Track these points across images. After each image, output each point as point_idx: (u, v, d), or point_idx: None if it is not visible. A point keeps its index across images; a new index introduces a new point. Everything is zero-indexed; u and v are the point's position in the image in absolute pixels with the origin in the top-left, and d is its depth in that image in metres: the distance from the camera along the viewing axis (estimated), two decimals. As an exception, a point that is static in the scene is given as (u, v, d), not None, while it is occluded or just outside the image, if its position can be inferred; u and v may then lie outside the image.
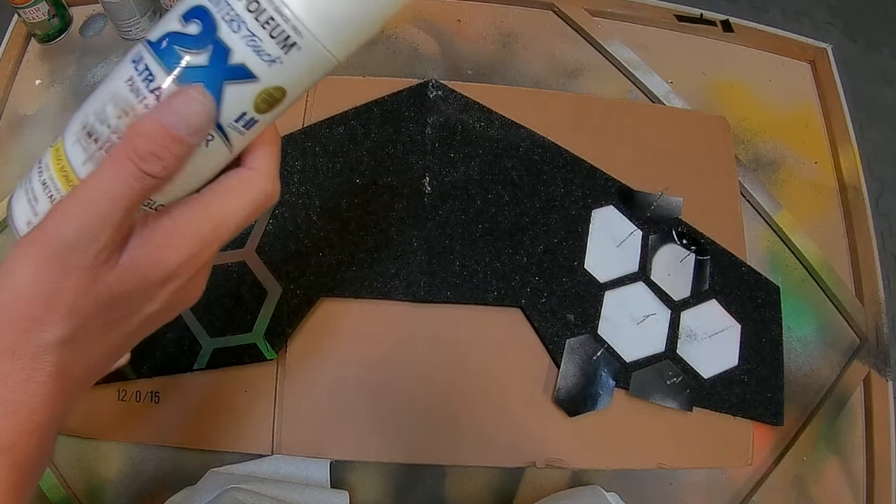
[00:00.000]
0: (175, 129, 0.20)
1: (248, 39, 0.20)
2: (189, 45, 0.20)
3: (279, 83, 0.21)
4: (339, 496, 0.46)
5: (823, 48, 0.68)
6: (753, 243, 0.58)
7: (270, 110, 0.22)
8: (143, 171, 0.20)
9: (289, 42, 0.20)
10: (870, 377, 0.55)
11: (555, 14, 0.68)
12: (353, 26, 0.21)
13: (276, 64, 0.20)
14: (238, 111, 0.21)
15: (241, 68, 0.20)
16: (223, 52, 0.20)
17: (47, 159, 0.22)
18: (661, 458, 0.49)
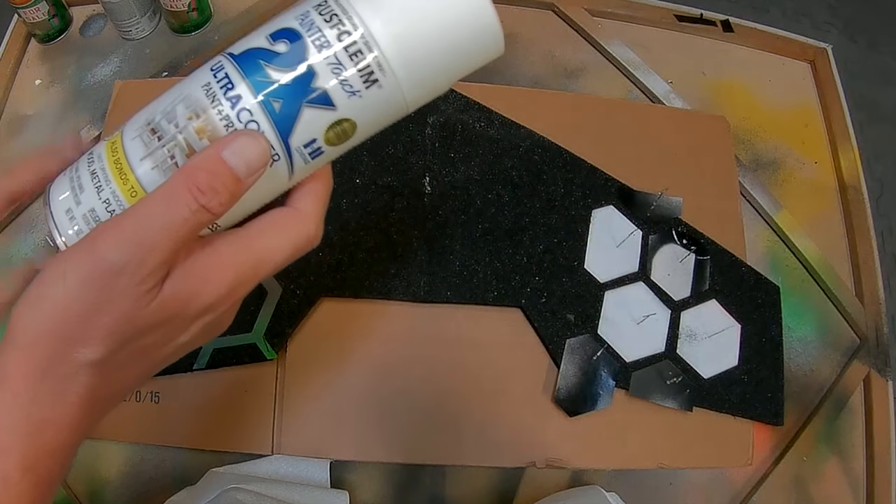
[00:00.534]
0: (235, 168, 0.20)
1: (333, 67, 0.20)
2: (275, 62, 0.20)
3: (353, 117, 0.21)
4: (339, 496, 0.46)
5: (823, 48, 0.68)
6: (753, 243, 0.58)
7: (337, 144, 0.22)
8: (202, 204, 0.20)
9: (372, 78, 0.21)
10: (870, 377, 0.55)
11: (555, 14, 0.68)
12: (433, 77, 0.22)
13: (355, 97, 0.21)
14: (309, 136, 0.21)
15: (321, 93, 0.20)
16: (308, 75, 0.20)
17: (100, 150, 0.22)
18: (661, 458, 0.49)
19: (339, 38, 0.20)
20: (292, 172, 0.22)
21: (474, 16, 0.21)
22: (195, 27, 0.64)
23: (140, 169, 0.21)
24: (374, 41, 0.20)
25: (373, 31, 0.20)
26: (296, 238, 0.23)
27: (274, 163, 0.21)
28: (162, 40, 0.65)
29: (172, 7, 0.61)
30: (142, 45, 0.65)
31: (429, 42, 0.21)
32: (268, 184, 0.22)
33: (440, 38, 0.21)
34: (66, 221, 0.21)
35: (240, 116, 0.20)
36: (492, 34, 0.22)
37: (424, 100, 0.23)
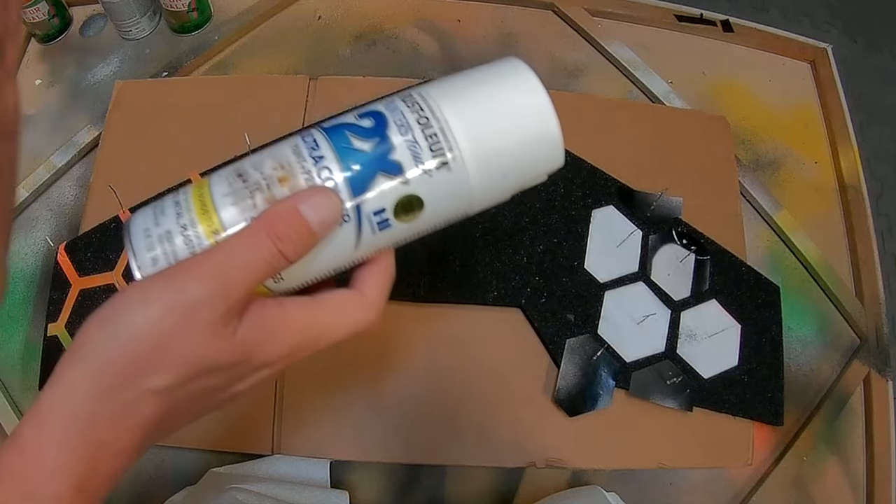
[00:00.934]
0: (310, 221, 0.21)
1: (410, 143, 0.22)
2: (359, 133, 0.23)
3: (422, 195, 0.23)
4: (339, 496, 0.46)
5: (823, 48, 0.68)
6: (753, 243, 0.58)
7: (403, 220, 0.23)
8: (279, 249, 0.21)
9: (443, 160, 0.23)
10: (870, 377, 0.55)
11: (555, 14, 0.68)
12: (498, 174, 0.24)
13: (426, 175, 0.23)
14: (379, 205, 0.23)
15: (396, 165, 0.22)
16: (386, 147, 0.22)
17: (187, 187, 0.24)
18: (661, 458, 0.49)
19: (418, 122, 0.23)
20: (359, 239, 0.23)
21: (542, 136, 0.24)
22: (195, 27, 0.64)
23: (221, 205, 0.22)
24: (449, 129, 0.22)
25: (449, 120, 0.23)
26: (357, 322, 0.24)
27: (344, 223, 0.22)
28: (162, 40, 0.65)
29: (172, 7, 0.61)
30: (142, 45, 0.65)
31: (499, 141, 0.23)
32: (334, 248, 0.23)
33: (510, 139, 0.23)
34: (141, 239, 0.22)
35: (320, 173, 0.22)
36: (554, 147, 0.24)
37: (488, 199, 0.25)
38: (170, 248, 0.22)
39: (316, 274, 0.24)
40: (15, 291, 0.53)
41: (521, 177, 0.25)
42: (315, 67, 0.63)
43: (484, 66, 0.25)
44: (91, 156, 0.59)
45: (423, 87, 0.24)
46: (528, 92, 0.24)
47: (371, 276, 0.25)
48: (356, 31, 0.66)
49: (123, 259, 0.51)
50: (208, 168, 0.53)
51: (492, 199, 0.25)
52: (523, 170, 0.24)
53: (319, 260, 0.23)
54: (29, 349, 0.52)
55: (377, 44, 0.65)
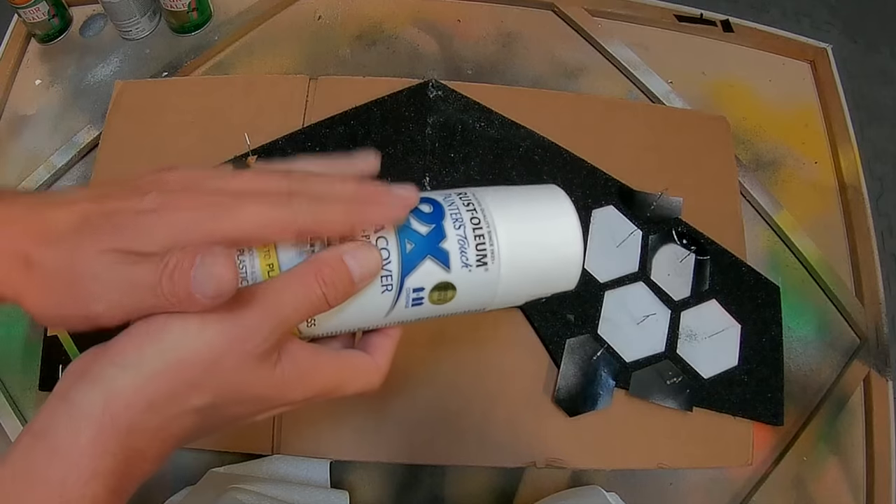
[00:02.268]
0: (353, 271, 0.23)
1: (459, 238, 0.24)
2: (418, 216, 0.25)
3: (457, 286, 0.25)
4: (339, 496, 0.46)
5: (823, 48, 0.68)
6: (753, 243, 0.58)
7: (434, 303, 0.25)
8: (324, 293, 0.22)
9: (483, 261, 0.25)
10: (870, 377, 0.55)
11: (555, 14, 0.68)
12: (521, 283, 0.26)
13: (465, 269, 0.25)
14: (420, 283, 0.24)
15: (444, 253, 0.24)
16: (440, 235, 0.24)
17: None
18: (661, 458, 0.49)
19: (471, 220, 0.25)
20: (392, 309, 0.25)
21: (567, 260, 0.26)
22: (195, 27, 0.64)
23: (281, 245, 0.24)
24: (495, 234, 0.25)
25: (497, 226, 0.25)
26: (366, 383, 0.26)
27: (386, 291, 0.24)
28: (162, 40, 0.65)
29: (172, 7, 0.61)
30: (142, 45, 0.65)
31: (532, 255, 0.25)
32: (370, 308, 0.25)
33: (541, 255, 0.26)
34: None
35: (377, 241, 0.24)
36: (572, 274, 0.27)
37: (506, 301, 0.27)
38: None
39: (345, 327, 0.26)
40: (15, 291, 0.53)
41: (539, 289, 0.27)
42: (315, 67, 0.63)
43: (529, 186, 0.28)
44: (91, 156, 0.59)
45: (477, 190, 0.26)
46: (564, 217, 0.26)
47: (384, 347, 0.27)
48: (356, 31, 0.66)
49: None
50: (208, 168, 0.53)
51: (508, 303, 0.27)
52: (543, 284, 0.27)
53: (352, 315, 0.25)
54: (29, 349, 0.52)
55: (377, 44, 0.65)
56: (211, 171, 0.23)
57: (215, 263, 0.19)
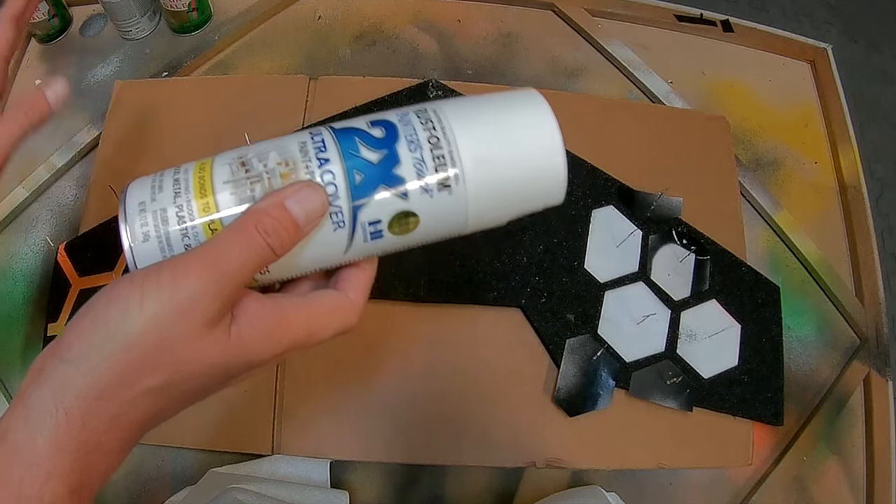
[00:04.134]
0: (296, 216, 0.21)
1: (416, 161, 0.22)
2: (368, 142, 0.23)
3: (419, 213, 0.23)
4: (339, 496, 0.46)
5: (823, 48, 0.68)
6: (753, 243, 0.58)
7: (396, 234, 0.23)
8: (268, 243, 0.21)
9: (446, 183, 0.23)
10: (870, 377, 0.55)
11: (555, 14, 0.68)
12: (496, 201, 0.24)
13: (426, 195, 0.23)
14: (376, 216, 0.23)
15: (400, 180, 0.22)
16: (393, 160, 0.22)
17: (189, 166, 0.24)
18: (661, 458, 0.49)
19: (428, 140, 0.23)
20: (350, 245, 0.23)
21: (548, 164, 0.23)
22: (195, 27, 0.64)
23: (220, 191, 0.22)
24: (457, 153, 0.23)
25: (459, 144, 0.23)
26: (343, 324, 0.25)
27: (338, 228, 0.23)
28: (162, 40, 0.65)
29: (172, 7, 0.61)
30: (142, 45, 0.65)
31: (503, 170, 0.23)
32: (325, 248, 0.23)
33: (514, 170, 0.23)
34: (135, 212, 0.22)
35: (323, 176, 0.22)
36: (557, 185, 0.24)
37: (482, 223, 0.25)
38: (163, 226, 0.22)
39: (302, 271, 0.24)
40: (15, 291, 0.54)
41: (519, 207, 0.25)
42: (315, 67, 0.63)
43: (501, 92, 0.25)
44: (91, 156, 0.59)
45: (438, 103, 0.24)
46: (540, 126, 0.23)
47: (357, 281, 0.25)
48: (356, 31, 0.66)
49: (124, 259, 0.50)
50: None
51: (486, 224, 0.25)
52: (523, 202, 0.25)
53: (308, 258, 0.23)
54: (29, 349, 0.52)
55: (377, 44, 0.65)
56: None
57: None
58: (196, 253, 0.21)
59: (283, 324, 0.23)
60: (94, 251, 0.51)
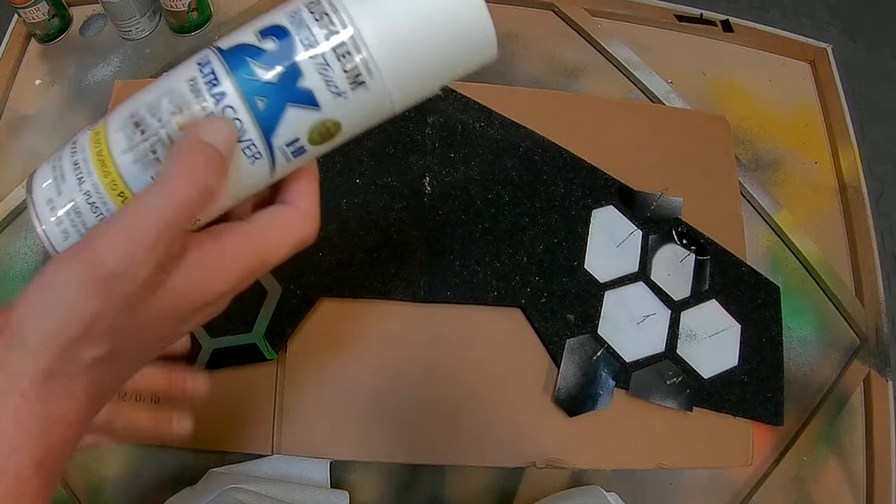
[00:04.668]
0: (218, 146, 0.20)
1: (321, 67, 0.20)
2: (261, 60, 0.20)
3: (338, 118, 0.21)
4: (339, 496, 0.46)
5: (823, 48, 0.68)
6: (753, 243, 0.58)
7: (321, 144, 0.22)
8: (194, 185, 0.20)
9: (359, 80, 0.21)
10: (870, 377, 0.55)
11: (555, 14, 0.68)
12: (420, 81, 0.22)
13: (341, 98, 0.21)
14: (292, 136, 0.21)
15: (307, 94, 0.20)
16: (294, 74, 0.20)
17: (84, 141, 0.22)
18: (661, 458, 0.49)
19: (327, 38, 0.20)
20: (274, 170, 0.22)
21: (467, 20, 0.21)
22: (195, 27, 0.64)
23: (122, 162, 0.21)
24: (362, 42, 0.20)
25: (362, 31, 0.20)
26: (300, 236, 0.23)
27: (256, 160, 0.21)
28: (162, 40, 0.65)
29: (172, 7, 0.61)
30: (142, 45, 0.65)
31: (419, 45, 0.21)
32: (250, 181, 0.22)
33: (431, 41, 0.21)
34: (46, 211, 0.21)
35: (224, 112, 0.21)
36: (484, 39, 0.22)
37: (412, 101, 0.22)
38: (78, 219, 0.21)
39: (235, 203, 0.23)
40: (15, 292, 0.53)
41: (448, 74, 0.22)
42: (315, 67, 0.63)
43: None
44: (91, 156, 0.59)
45: None
46: None
47: (302, 188, 0.24)
48: (356, 31, 0.66)
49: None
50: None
51: (417, 100, 0.23)
52: (449, 68, 0.22)
53: (236, 196, 0.22)
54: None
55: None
56: None
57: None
58: (110, 223, 0.20)
59: (225, 262, 0.22)
60: (94, 251, 0.51)
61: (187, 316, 0.22)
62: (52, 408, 0.20)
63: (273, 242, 0.23)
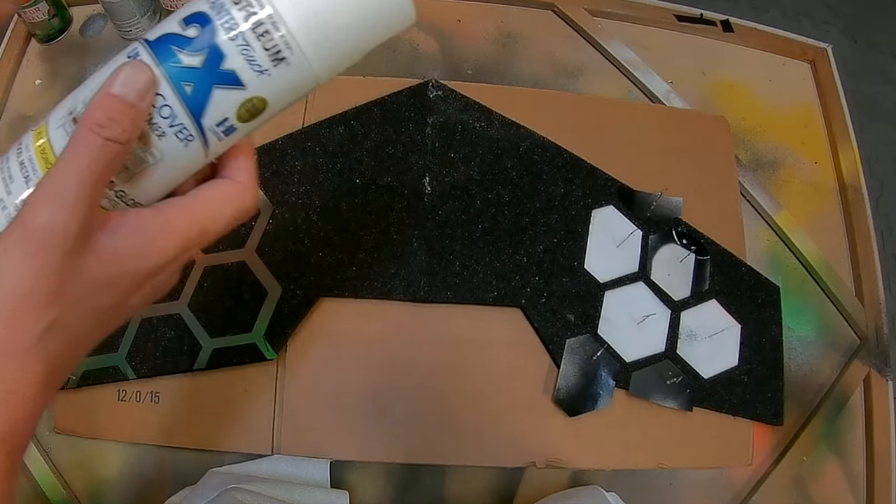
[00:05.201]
0: (126, 96, 0.21)
1: (242, 48, 0.21)
2: (186, 47, 0.21)
3: (264, 95, 0.22)
4: (339, 496, 0.46)
5: (823, 48, 0.68)
6: (753, 243, 0.58)
7: (251, 120, 0.23)
8: (105, 137, 0.21)
9: (279, 56, 0.21)
10: (870, 377, 0.55)
11: (555, 14, 0.68)
12: (342, 51, 0.23)
13: (265, 76, 0.22)
14: (221, 116, 0.22)
15: (231, 74, 0.21)
16: (217, 57, 0.21)
17: (28, 141, 0.23)
18: (661, 458, 0.49)
19: (246, 19, 0.21)
20: (207, 150, 0.23)
21: None
22: (195, 27, 0.64)
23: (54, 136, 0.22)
24: (280, 19, 0.21)
25: (279, 9, 0.21)
26: (238, 209, 0.25)
27: (189, 142, 0.22)
28: (162, 40, 0.65)
29: (172, 7, 0.61)
30: (142, 45, 0.65)
31: (336, 17, 0.22)
32: (185, 162, 0.23)
33: (348, 12, 0.22)
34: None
35: (156, 100, 0.21)
36: (400, 5, 0.23)
37: (336, 72, 0.24)
38: None
39: (174, 185, 0.24)
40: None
41: (367, 43, 0.24)
42: (315, 67, 0.63)
43: None
44: (91, 156, 0.59)
45: None
46: None
47: (240, 164, 0.25)
48: (356, 31, 0.66)
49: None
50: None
51: (339, 71, 0.24)
52: (369, 38, 0.23)
53: (172, 176, 0.23)
54: (29, 349, 0.52)
55: (377, 44, 0.65)
56: None
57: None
58: (40, 184, 0.21)
59: (164, 229, 0.23)
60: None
61: (131, 286, 0.23)
62: (9, 383, 0.21)
63: (212, 213, 0.24)
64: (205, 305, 0.49)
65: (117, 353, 0.48)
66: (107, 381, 0.48)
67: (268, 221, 0.51)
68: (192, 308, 0.49)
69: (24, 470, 0.48)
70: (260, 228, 0.51)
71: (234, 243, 0.51)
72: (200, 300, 0.49)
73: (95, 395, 0.48)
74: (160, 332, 0.49)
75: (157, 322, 0.49)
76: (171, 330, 0.49)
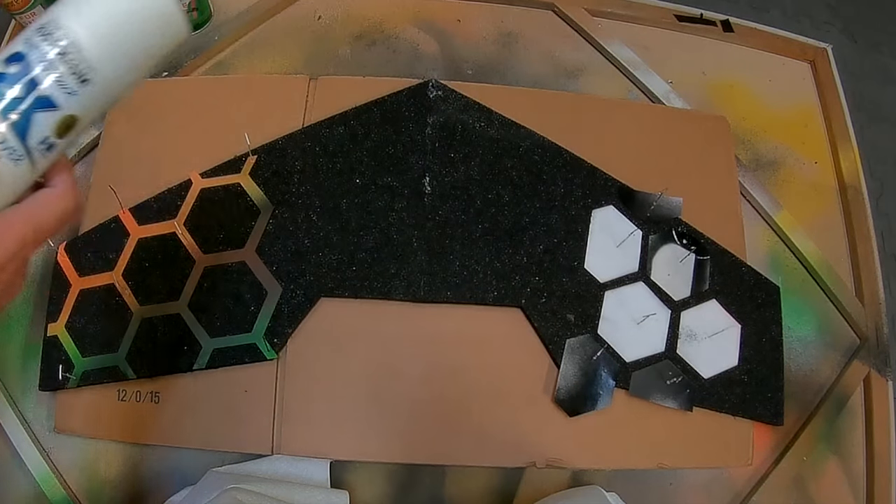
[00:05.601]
0: None
1: (54, 75, 0.25)
2: (7, 82, 0.25)
3: (74, 112, 0.26)
4: (339, 496, 0.46)
5: (823, 48, 0.68)
6: (753, 243, 0.58)
7: (66, 135, 0.27)
8: None
9: (84, 77, 0.26)
10: (870, 377, 0.55)
11: (555, 14, 0.68)
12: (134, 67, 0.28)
13: (74, 96, 0.26)
14: (42, 135, 0.26)
15: (46, 99, 0.26)
16: (34, 86, 0.25)
17: None
18: (661, 458, 0.49)
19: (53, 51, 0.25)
20: (35, 166, 0.27)
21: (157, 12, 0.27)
22: (195, 27, 0.64)
23: None
24: (78, 47, 0.25)
25: (78, 39, 0.25)
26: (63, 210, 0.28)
27: (19, 162, 0.26)
28: (162, 40, 0.65)
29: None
30: (142, 45, 0.65)
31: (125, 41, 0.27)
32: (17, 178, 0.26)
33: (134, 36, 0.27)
34: None
35: None
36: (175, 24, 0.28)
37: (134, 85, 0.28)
38: None
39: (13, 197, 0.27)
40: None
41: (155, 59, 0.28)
42: (315, 67, 0.63)
43: None
44: (91, 156, 0.59)
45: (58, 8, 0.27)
46: None
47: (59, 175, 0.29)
48: (356, 31, 0.66)
49: (123, 259, 0.51)
50: (208, 168, 0.54)
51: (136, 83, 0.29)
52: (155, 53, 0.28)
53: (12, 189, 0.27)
54: (29, 349, 0.52)
55: (377, 44, 0.65)
56: None
57: None
58: None
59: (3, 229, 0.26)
60: (94, 251, 0.51)
61: None
62: None
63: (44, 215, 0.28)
64: (205, 305, 0.49)
65: (117, 353, 0.48)
66: (107, 381, 0.48)
67: (268, 221, 0.51)
68: (192, 308, 0.49)
69: (24, 470, 0.48)
70: (260, 228, 0.51)
71: (234, 243, 0.51)
72: (200, 300, 0.49)
73: (95, 395, 0.48)
74: (160, 332, 0.49)
75: (157, 322, 0.49)
76: (171, 330, 0.49)
